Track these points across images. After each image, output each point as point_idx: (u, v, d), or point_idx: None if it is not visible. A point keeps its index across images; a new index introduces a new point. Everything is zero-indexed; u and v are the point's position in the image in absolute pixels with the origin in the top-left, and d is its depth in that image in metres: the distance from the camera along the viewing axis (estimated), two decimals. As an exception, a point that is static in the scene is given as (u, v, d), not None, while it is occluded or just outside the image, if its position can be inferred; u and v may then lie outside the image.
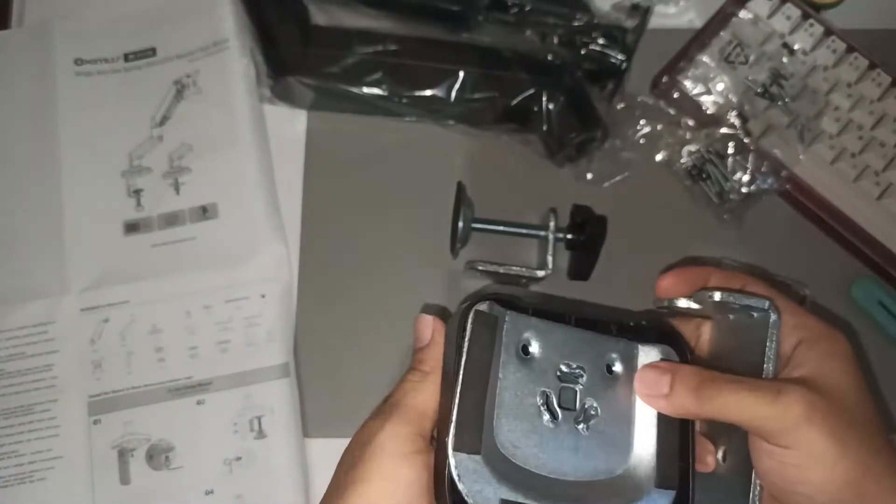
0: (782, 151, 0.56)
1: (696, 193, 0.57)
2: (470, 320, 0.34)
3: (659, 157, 0.58)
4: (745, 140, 0.56)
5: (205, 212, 0.58)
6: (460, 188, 0.55)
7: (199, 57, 0.61)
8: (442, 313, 0.38)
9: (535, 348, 0.36)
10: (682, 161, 0.57)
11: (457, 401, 0.33)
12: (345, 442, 0.36)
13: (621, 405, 0.37)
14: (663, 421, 0.36)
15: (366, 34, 0.58)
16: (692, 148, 0.57)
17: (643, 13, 0.58)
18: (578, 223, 0.55)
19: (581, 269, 0.55)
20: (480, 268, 0.53)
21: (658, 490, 0.35)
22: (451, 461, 0.32)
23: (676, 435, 0.36)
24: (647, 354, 0.37)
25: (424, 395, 0.36)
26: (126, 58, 0.61)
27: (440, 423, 0.35)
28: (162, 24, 0.62)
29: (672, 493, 0.35)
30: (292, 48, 0.58)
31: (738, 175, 0.56)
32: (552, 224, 0.54)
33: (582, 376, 0.36)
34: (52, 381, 0.56)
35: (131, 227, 0.58)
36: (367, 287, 0.57)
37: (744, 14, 0.58)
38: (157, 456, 0.54)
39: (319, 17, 0.59)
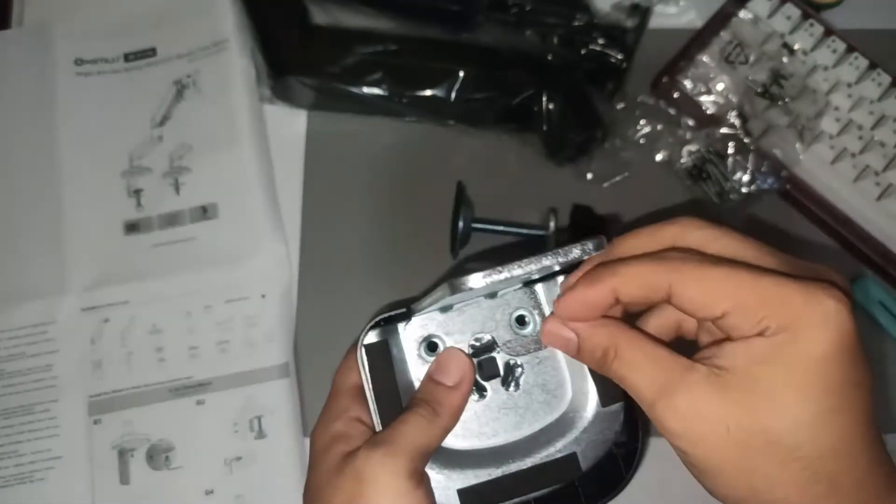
0: (782, 151, 0.56)
1: (696, 193, 0.57)
2: (363, 359, 0.36)
3: (659, 157, 0.58)
4: (745, 140, 0.56)
5: (205, 212, 0.58)
6: (460, 188, 0.55)
7: (199, 57, 0.61)
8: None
9: (439, 340, 0.37)
10: (682, 161, 0.57)
11: (379, 429, 0.36)
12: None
13: (545, 350, 0.38)
14: None
15: (366, 34, 0.58)
16: (692, 148, 0.57)
17: (643, 13, 0.58)
18: (578, 223, 0.55)
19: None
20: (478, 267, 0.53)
21: (605, 409, 0.37)
22: None
23: None
24: (550, 290, 0.38)
25: (430, 437, 0.34)
26: (126, 58, 0.61)
27: None
28: (162, 24, 0.62)
29: (619, 406, 0.37)
30: (292, 48, 0.58)
31: (738, 175, 0.56)
32: (552, 224, 0.54)
33: (495, 343, 0.37)
34: (52, 381, 0.56)
35: (131, 227, 0.58)
36: (367, 287, 0.57)
37: (744, 14, 0.58)
38: (157, 456, 0.54)
39: (319, 17, 0.59)
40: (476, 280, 0.31)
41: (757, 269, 0.29)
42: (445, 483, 0.36)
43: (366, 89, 0.56)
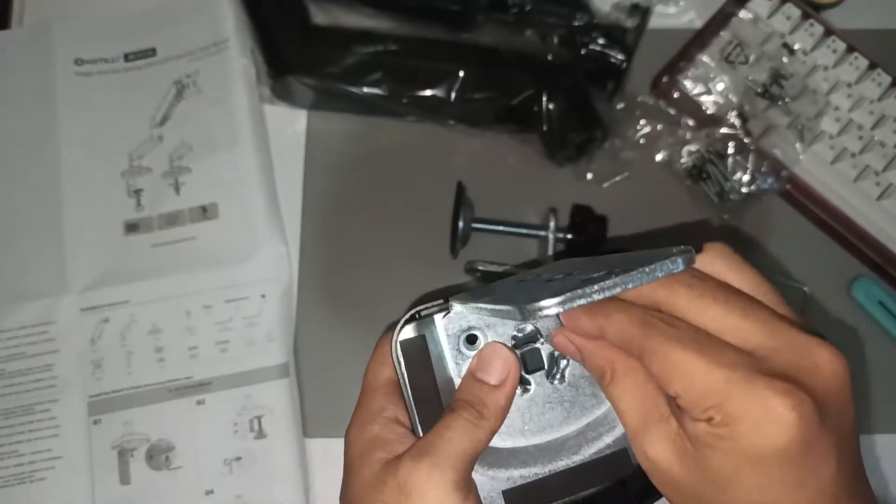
0: (782, 151, 0.56)
1: (696, 193, 0.57)
2: (398, 356, 0.34)
3: (659, 157, 0.58)
4: (745, 140, 0.56)
5: (205, 212, 0.58)
6: (460, 188, 0.55)
7: (199, 57, 0.61)
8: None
9: (480, 332, 0.35)
10: (682, 161, 0.57)
11: (420, 432, 0.34)
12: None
13: None
14: None
15: (366, 34, 0.58)
16: (692, 148, 0.57)
17: (643, 13, 0.58)
18: (578, 223, 0.55)
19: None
20: (480, 267, 0.53)
21: None
22: None
23: None
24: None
25: (476, 441, 0.32)
26: (126, 58, 0.61)
27: None
28: (162, 24, 0.62)
29: None
30: (292, 48, 0.58)
31: (738, 175, 0.56)
32: (552, 224, 0.54)
33: (538, 332, 0.35)
34: (52, 381, 0.56)
35: (131, 227, 0.58)
36: (367, 287, 0.57)
37: (744, 14, 0.58)
38: (157, 456, 0.54)
39: (319, 17, 0.59)
40: (551, 307, 0.28)
41: (721, 354, 0.28)
42: (490, 485, 0.34)
43: (366, 89, 0.56)
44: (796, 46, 0.58)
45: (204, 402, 0.55)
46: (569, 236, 0.55)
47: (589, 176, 0.58)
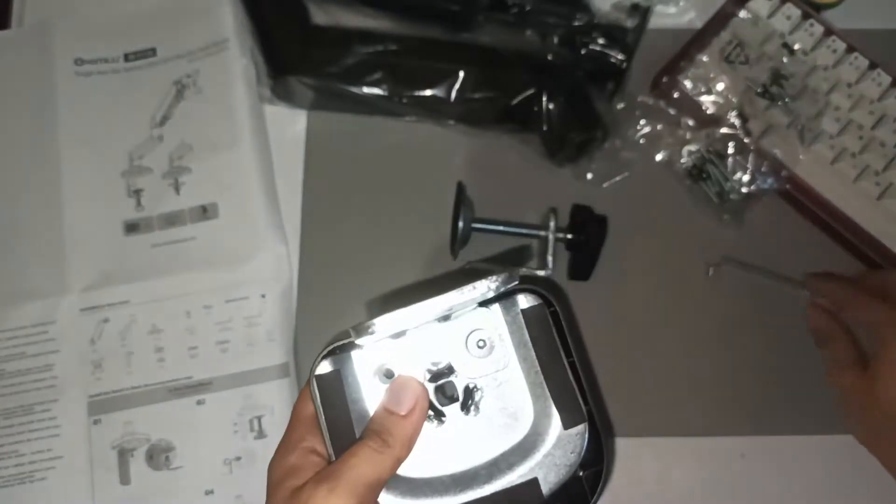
0: (782, 151, 0.56)
1: (696, 193, 0.57)
2: (314, 391, 0.36)
3: (659, 157, 0.58)
4: (745, 140, 0.56)
5: (205, 212, 0.58)
6: (460, 188, 0.55)
7: (199, 57, 0.61)
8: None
9: (395, 367, 0.36)
10: (682, 161, 0.57)
11: (333, 461, 0.35)
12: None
13: (504, 372, 0.37)
14: (549, 369, 0.36)
15: (366, 34, 0.58)
16: (692, 148, 0.57)
17: (643, 13, 0.58)
18: (578, 223, 0.55)
19: (581, 269, 0.55)
20: (481, 269, 0.53)
21: (568, 431, 0.36)
22: None
23: (567, 376, 0.36)
24: (508, 309, 0.37)
25: (380, 469, 0.34)
26: (126, 58, 0.61)
27: None
28: (162, 24, 0.62)
29: (582, 427, 0.36)
30: (292, 48, 0.58)
31: (738, 175, 0.56)
32: (552, 224, 0.54)
33: (452, 367, 0.36)
34: (52, 381, 0.56)
35: (131, 227, 0.58)
36: (367, 287, 0.57)
37: (744, 14, 0.58)
38: (157, 456, 0.54)
39: (319, 17, 0.59)
40: (381, 324, 0.32)
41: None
42: None
43: (366, 89, 0.56)
44: (796, 46, 0.58)
45: (204, 402, 0.55)
46: (569, 236, 0.55)
47: (589, 176, 0.58)
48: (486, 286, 0.34)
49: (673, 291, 0.56)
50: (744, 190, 0.56)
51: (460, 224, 0.54)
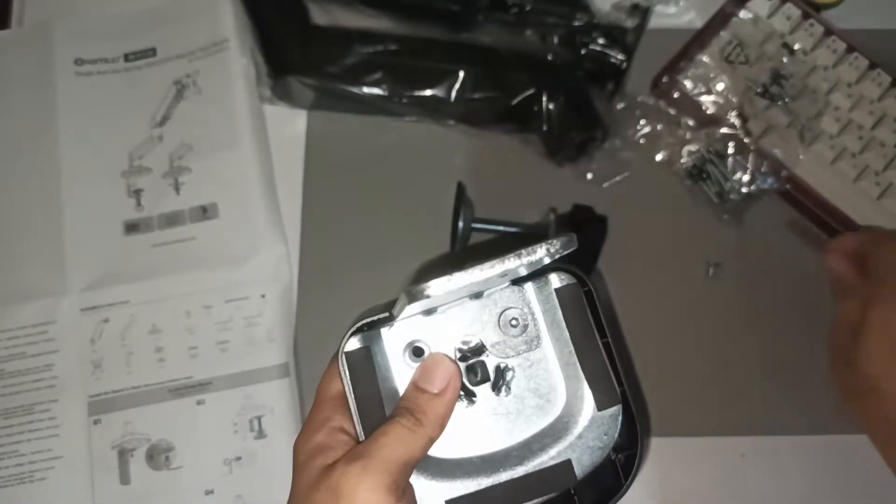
0: (782, 151, 0.56)
1: (696, 193, 0.57)
2: (343, 368, 0.35)
3: (659, 157, 0.58)
4: (745, 140, 0.56)
5: (205, 212, 0.58)
6: (460, 188, 0.55)
7: (199, 57, 0.61)
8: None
9: (425, 345, 0.36)
10: (682, 161, 0.57)
11: (362, 439, 0.34)
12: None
13: (536, 352, 0.36)
14: (583, 350, 0.36)
15: (366, 34, 0.58)
16: (692, 148, 0.57)
17: (643, 13, 0.58)
18: (578, 223, 0.55)
19: (581, 268, 0.55)
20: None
21: (601, 413, 0.35)
22: None
23: (601, 356, 0.36)
24: (540, 289, 0.36)
25: (412, 448, 0.33)
26: (126, 58, 0.61)
27: None
28: (162, 24, 0.62)
29: (616, 409, 0.35)
30: (292, 48, 0.58)
31: (738, 175, 0.56)
32: (552, 224, 0.54)
33: (483, 346, 0.36)
34: (52, 381, 0.56)
35: (131, 227, 0.58)
36: (367, 287, 0.57)
37: (744, 14, 0.58)
38: (157, 456, 0.54)
39: (319, 17, 0.59)
40: (437, 287, 0.30)
41: None
42: (433, 494, 0.34)
43: (366, 89, 0.56)
44: (796, 46, 0.58)
45: (204, 402, 0.55)
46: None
47: (589, 176, 0.58)
48: (545, 250, 0.33)
49: (673, 291, 0.56)
50: (744, 190, 0.56)
51: (460, 224, 0.54)
